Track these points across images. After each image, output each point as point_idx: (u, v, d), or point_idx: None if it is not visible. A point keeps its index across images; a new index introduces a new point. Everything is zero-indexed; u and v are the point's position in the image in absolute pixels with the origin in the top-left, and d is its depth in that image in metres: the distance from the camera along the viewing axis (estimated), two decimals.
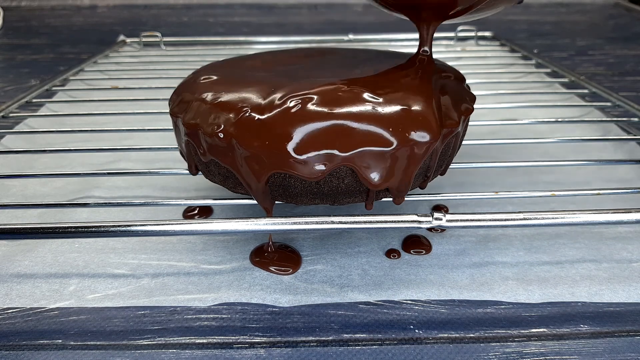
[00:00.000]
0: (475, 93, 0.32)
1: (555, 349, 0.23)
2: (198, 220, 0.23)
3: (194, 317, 0.25)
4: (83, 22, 0.92)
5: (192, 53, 0.63)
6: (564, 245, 0.29)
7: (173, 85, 0.47)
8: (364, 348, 0.23)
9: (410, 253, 0.29)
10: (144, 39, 0.67)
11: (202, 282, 0.27)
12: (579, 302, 0.25)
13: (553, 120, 0.38)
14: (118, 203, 0.28)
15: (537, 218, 0.23)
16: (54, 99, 0.49)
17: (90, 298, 0.26)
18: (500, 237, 0.30)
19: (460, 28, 0.67)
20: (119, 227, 0.23)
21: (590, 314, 0.25)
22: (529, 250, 0.29)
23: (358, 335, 0.23)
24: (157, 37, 0.66)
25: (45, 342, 0.23)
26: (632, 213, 0.24)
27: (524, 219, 0.23)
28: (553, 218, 0.23)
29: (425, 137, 0.24)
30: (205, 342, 0.23)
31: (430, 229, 0.31)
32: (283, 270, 0.27)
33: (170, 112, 0.27)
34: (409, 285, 0.26)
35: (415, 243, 0.29)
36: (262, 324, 0.24)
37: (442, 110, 0.25)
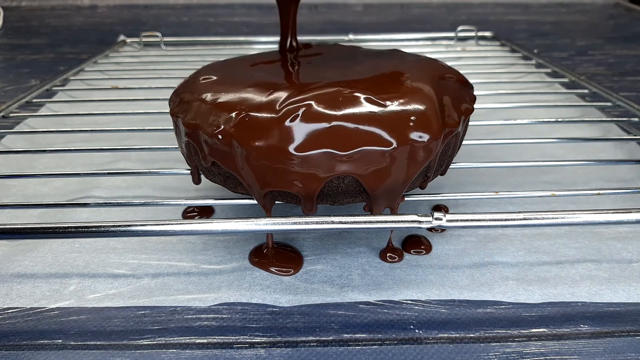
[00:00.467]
0: (475, 93, 0.32)
1: (555, 349, 0.23)
2: (198, 220, 0.23)
3: (194, 317, 0.25)
4: (83, 22, 0.92)
5: (192, 53, 0.63)
6: (564, 245, 0.29)
7: (173, 85, 0.47)
8: (364, 348, 0.23)
9: (410, 253, 0.29)
10: (144, 39, 0.67)
11: (202, 282, 0.27)
12: (579, 302, 0.25)
13: (553, 120, 0.38)
14: (118, 203, 0.28)
15: (537, 218, 0.23)
16: (54, 99, 0.49)
17: (91, 298, 0.26)
18: (500, 237, 0.30)
19: (461, 28, 0.67)
20: (119, 227, 0.23)
21: (590, 314, 0.25)
22: (529, 250, 0.29)
23: (358, 335, 0.23)
24: (157, 37, 0.66)
25: (45, 342, 0.23)
26: (632, 213, 0.24)
27: (524, 219, 0.23)
28: (553, 218, 0.23)
29: (425, 137, 0.24)
30: (206, 342, 0.23)
31: (430, 229, 0.31)
32: (284, 271, 0.27)
33: (171, 112, 0.27)
34: (409, 286, 0.26)
35: (415, 243, 0.29)
36: (262, 324, 0.24)
37: (444, 111, 0.25)
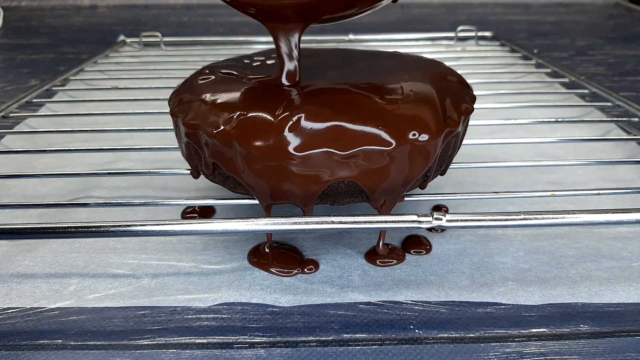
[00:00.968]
0: (475, 93, 0.32)
1: (555, 349, 0.23)
2: (198, 220, 0.23)
3: (194, 317, 0.25)
4: (83, 22, 0.92)
5: (192, 53, 0.63)
6: (564, 246, 0.29)
7: (173, 85, 0.47)
8: (364, 348, 0.23)
9: (410, 253, 0.29)
10: (144, 39, 0.67)
11: (202, 282, 0.27)
12: (579, 302, 0.25)
13: (553, 120, 0.38)
14: (118, 203, 0.28)
15: (537, 218, 0.23)
16: (54, 99, 0.49)
17: (91, 298, 0.26)
18: (500, 237, 0.30)
19: (461, 28, 0.67)
20: (119, 227, 0.23)
21: (590, 314, 0.25)
22: (529, 251, 0.29)
23: (358, 335, 0.23)
24: (157, 37, 0.66)
25: (45, 342, 0.23)
26: (632, 213, 0.24)
27: (524, 219, 0.23)
28: (553, 218, 0.23)
29: (424, 137, 0.24)
30: (205, 342, 0.23)
31: (430, 229, 0.31)
32: (286, 272, 0.27)
33: (171, 112, 0.27)
34: (409, 286, 0.26)
35: (415, 243, 0.29)
36: (262, 324, 0.24)
37: (444, 111, 0.25)
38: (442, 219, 0.23)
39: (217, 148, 0.24)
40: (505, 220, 0.23)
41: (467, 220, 0.23)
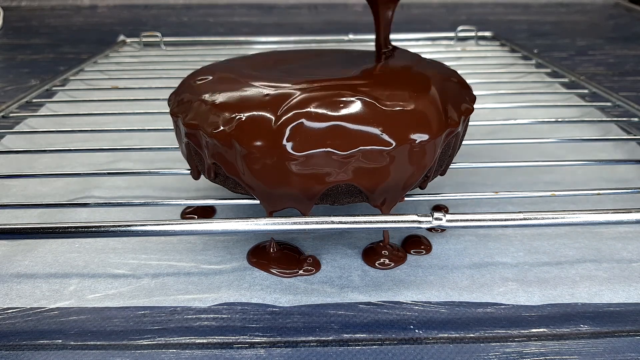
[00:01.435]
0: (475, 93, 0.32)
1: (555, 349, 0.23)
2: (198, 220, 0.23)
3: (194, 317, 0.25)
4: (83, 22, 0.92)
5: (192, 53, 0.63)
6: (564, 246, 0.29)
7: (173, 85, 0.47)
8: (364, 348, 0.23)
9: (411, 253, 0.29)
10: (144, 39, 0.67)
11: (202, 282, 0.27)
12: (579, 302, 0.25)
13: (553, 120, 0.38)
14: (118, 203, 0.28)
15: (537, 218, 0.23)
16: (54, 99, 0.49)
17: (91, 298, 0.26)
18: (500, 237, 0.30)
19: (461, 28, 0.67)
20: (119, 227, 0.23)
21: (590, 314, 0.25)
22: (529, 251, 0.29)
23: (358, 335, 0.23)
24: (157, 37, 0.66)
25: (45, 342, 0.23)
26: (632, 213, 0.24)
27: (524, 219, 0.23)
28: (553, 218, 0.23)
29: (424, 136, 0.24)
30: (205, 342, 0.23)
31: (430, 229, 0.31)
32: (288, 273, 0.27)
33: (171, 112, 0.27)
34: (409, 286, 0.26)
35: (415, 243, 0.29)
36: (262, 324, 0.24)
37: (444, 111, 0.25)
38: (442, 219, 0.23)
39: (217, 148, 0.24)
40: (505, 220, 0.23)
41: (467, 220, 0.23)
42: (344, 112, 0.24)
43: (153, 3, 1.06)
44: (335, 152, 0.23)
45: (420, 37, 0.68)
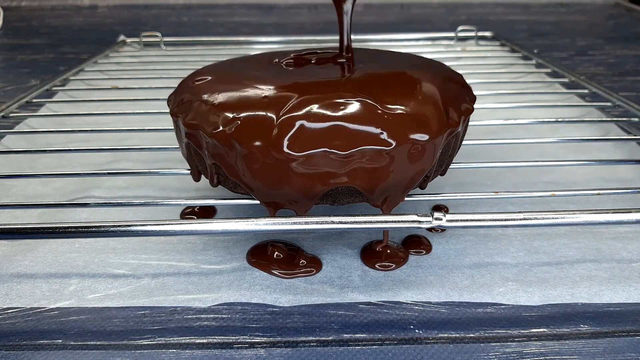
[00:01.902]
0: (475, 93, 0.32)
1: (555, 349, 0.23)
2: (198, 220, 0.23)
3: (194, 317, 0.25)
4: (83, 22, 0.92)
5: (192, 53, 0.63)
6: (564, 246, 0.29)
7: (173, 85, 0.47)
8: (364, 348, 0.23)
9: (411, 253, 0.29)
10: (144, 39, 0.67)
11: (202, 282, 0.27)
12: (579, 302, 0.25)
13: (553, 120, 0.38)
14: (118, 203, 0.28)
15: (537, 218, 0.23)
16: (54, 99, 0.49)
17: (91, 298, 0.26)
18: (500, 237, 0.30)
19: (461, 28, 0.67)
20: (119, 227, 0.23)
21: (590, 314, 0.25)
22: (529, 251, 0.29)
23: (358, 335, 0.23)
24: (157, 37, 0.67)
25: (45, 342, 0.23)
26: (632, 213, 0.24)
27: (524, 219, 0.23)
28: (553, 218, 0.23)
29: (424, 136, 0.24)
30: (205, 342, 0.23)
31: (430, 229, 0.31)
32: (289, 274, 0.27)
33: (171, 112, 0.27)
34: (409, 286, 0.26)
35: (416, 243, 0.29)
36: (262, 324, 0.24)
37: (444, 111, 0.25)
38: (442, 219, 0.23)
39: (217, 149, 0.24)
40: (505, 220, 0.23)
41: (467, 220, 0.23)
42: (344, 112, 0.24)
43: (153, 3, 1.06)
44: (335, 152, 0.23)
45: (420, 37, 0.68)
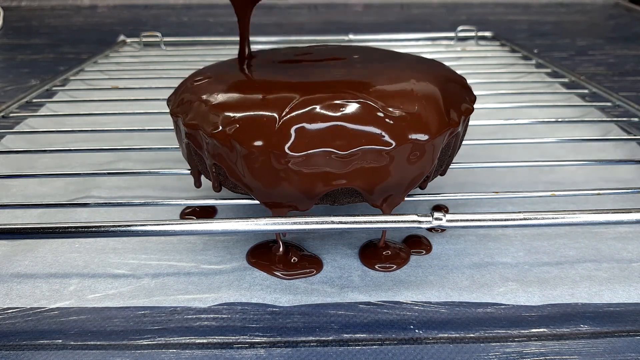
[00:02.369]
0: (475, 93, 0.32)
1: (555, 349, 0.23)
2: (198, 220, 0.23)
3: (194, 317, 0.25)
4: (83, 22, 0.92)
5: (192, 53, 0.63)
6: (564, 246, 0.29)
7: (173, 85, 0.47)
8: (364, 348, 0.23)
9: (411, 253, 0.29)
10: (144, 39, 0.67)
11: (202, 282, 0.27)
12: (579, 302, 0.25)
13: (553, 120, 0.38)
14: (118, 203, 0.28)
15: (537, 218, 0.23)
16: (54, 99, 0.49)
17: (91, 298, 0.26)
18: (500, 237, 0.30)
19: (461, 28, 0.67)
20: (119, 227, 0.23)
21: (590, 314, 0.25)
22: (529, 251, 0.29)
23: (358, 335, 0.23)
24: (157, 37, 0.66)
25: (45, 342, 0.23)
26: (632, 213, 0.24)
27: (524, 219, 0.23)
28: (553, 218, 0.23)
29: (424, 136, 0.24)
30: (205, 342, 0.23)
31: (430, 229, 0.31)
32: (290, 275, 0.27)
33: (171, 112, 0.27)
34: (409, 286, 0.26)
35: (416, 243, 0.29)
36: (262, 324, 0.24)
37: (444, 111, 0.25)
38: (442, 219, 0.23)
39: (217, 149, 0.24)
40: (505, 220, 0.23)
41: (467, 220, 0.23)
42: (344, 112, 0.24)
43: (153, 3, 1.06)
44: (335, 152, 0.23)
45: (420, 37, 0.68)
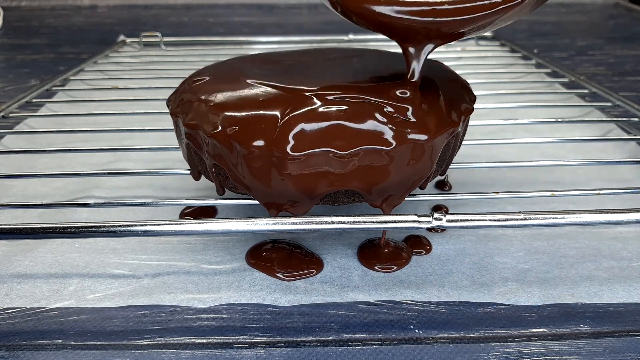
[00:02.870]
0: (475, 93, 0.32)
1: (555, 349, 0.23)
2: (198, 220, 0.23)
3: (194, 317, 0.25)
4: (83, 22, 0.92)
5: (192, 53, 0.63)
6: (564, 246, 0.29)
7: (173, 85, 0.47)
8: (364, 348, 0.23)
9: (412, 253, 0.29)
10: (144, 39, 0.67)
11: (202, 282, 0.27)
12: (579, 302, 0.25)
13: (553, 120, 0.38)
14: (118, 203, 0.28)
15: (537, 218, 0.23)
16: (54, 99, 0.49)
17: (91, 298, 0.26)
18: (500, 237, 0.30)
19: None
20: (119, 227, 0.23)
21: (590, 314, 0.25)
22: (529, 251, 0.29)
23: (358, 335, 0.23)
24: (157, 37, 0.66)
25: (45, 342, 0.23)
26: (632, 213, 0.24)
27: (524, 219, 0.23)
28: (553, 218, 0.23)
29: (424, 137, 0.24)
30: (205, 342, 0.23)
31: (430, 229, 0.31)
32: (292, 276, 0.27)
33: (171, 112, 0.27)
34: (409, 286, 0.26)
35: (416, 243, 0.29)
36: (262, 324, 0.24)
37: (444, 111, 0.25)
38: (442, 219, 0.23)
39: (216, 149, 0.24)
40: (505, 220, 0.23)
41: (467, 220, 0.23)
42: (344, 112, 0.24)
43: (153, 3, 1.06)
44: (335, 152, 0.23)
45: None
